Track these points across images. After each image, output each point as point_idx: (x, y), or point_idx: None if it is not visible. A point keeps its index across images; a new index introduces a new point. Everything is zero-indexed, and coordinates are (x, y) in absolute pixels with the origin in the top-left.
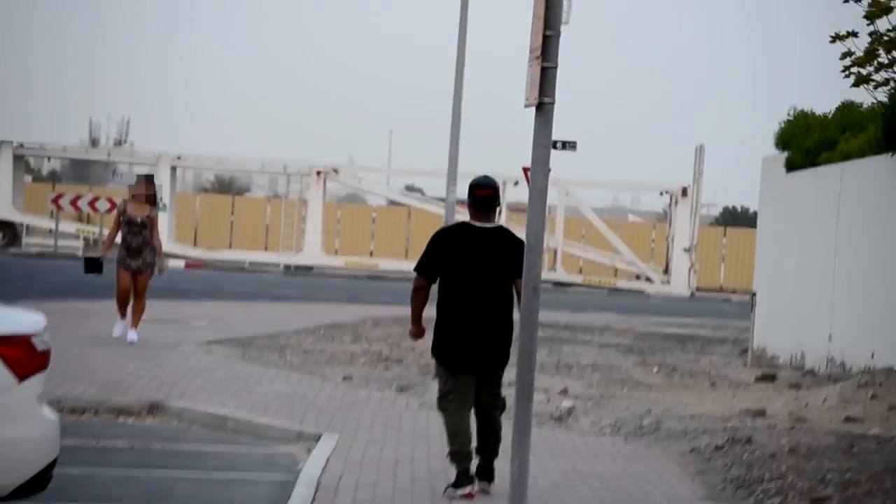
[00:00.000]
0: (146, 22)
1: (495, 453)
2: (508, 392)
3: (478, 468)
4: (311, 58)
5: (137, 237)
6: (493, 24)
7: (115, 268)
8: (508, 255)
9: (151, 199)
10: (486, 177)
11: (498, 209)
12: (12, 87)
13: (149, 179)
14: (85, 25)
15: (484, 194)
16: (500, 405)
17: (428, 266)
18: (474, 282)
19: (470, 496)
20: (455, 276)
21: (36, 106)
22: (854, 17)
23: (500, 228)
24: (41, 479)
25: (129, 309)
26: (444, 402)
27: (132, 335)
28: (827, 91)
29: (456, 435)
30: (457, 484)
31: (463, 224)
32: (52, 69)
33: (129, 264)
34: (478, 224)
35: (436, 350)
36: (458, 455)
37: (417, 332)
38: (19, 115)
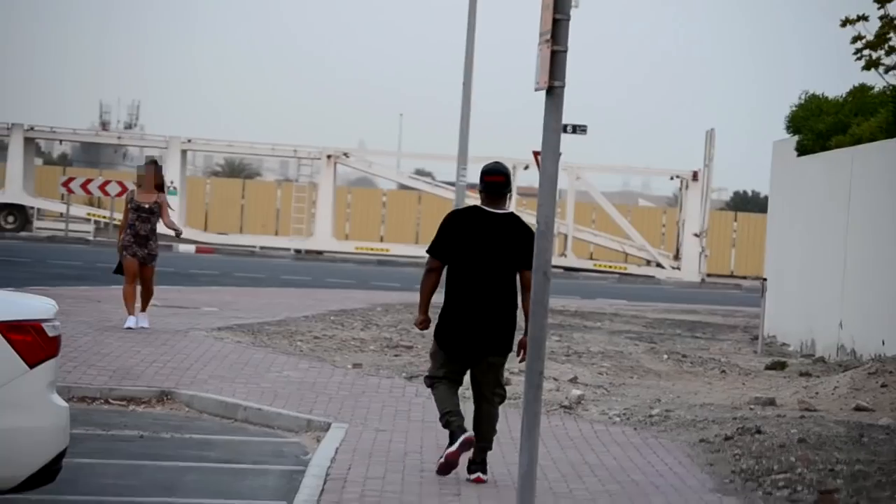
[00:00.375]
0: (157, 6)
1: (489, 445)
2: (518, 379)
3: (470, 460)
4: (321, 42)
5: (146, 224)
6: (504, 7)
7: (120, 257)
8: (517, 242)
9: (159, 185)
10: (497, 163)
11: (509, 195)
12: (23, 71)
13: (155, 164)
14: (96, 9)
15: (495, 180)
16: (500, 394)
17: (440, 248)
18: (482, 266)
19: (469, 442)
20: (464, 259)
21: (47, 89)
22: (864, 1)
23: (511, 215)
24: (50, 471)
25: (137, 300)
26: (432, 381)
27: (144, 322)
28: (838, 75)
29: (444, 402)
30: (451, 441)
31: (475, 208)
32: (62, 53)
33: (136, 252)
34: (489, 209)
35: (438, 333)
36: (450, 415)
37: (422, 322)
38: (30, 98)
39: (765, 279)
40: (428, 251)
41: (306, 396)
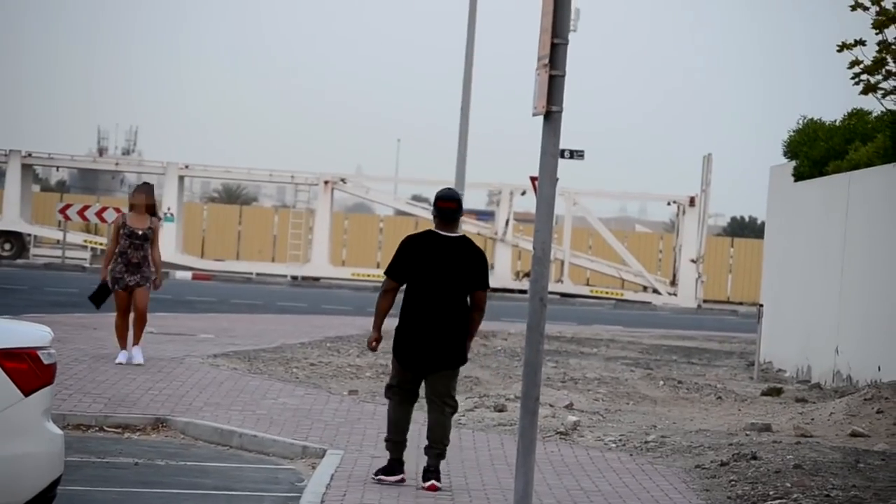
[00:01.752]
0: (155, 33)
1: (442, 455)
2: (514, 405)
3: (425, 468)
4: (319, 68)
5: (139, 251)
6: (502, 33)
7: (102, 282)
8: (469, 264)
9: (152, 209)
10: (449, 189)
11: (460, 219)
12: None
13: (148, 188)
14: (94, 36)
15: (448, 206)
16: (451, 405)
17: (397, 269)
18: (434, 286)
19: (402, 481)
20: (419, 279)
21: (44, 116)
22: (862, 26)
23: (463, 238)
24: (45, 498)
25: (130, 333)
26: (389, 393)
27: (138, 356)
28: (835, 100)
29: (394, 424)
30: (388, 471)
31: (429, 232)
32: (60, 79)
33: (128, 282)
34: (442, 233)
35: (395, 346)
36: (393, 443)
37: (375, 340)
38: (28, 124)
39: (761, 305)
40: (385, 273)
41: (302, 423)
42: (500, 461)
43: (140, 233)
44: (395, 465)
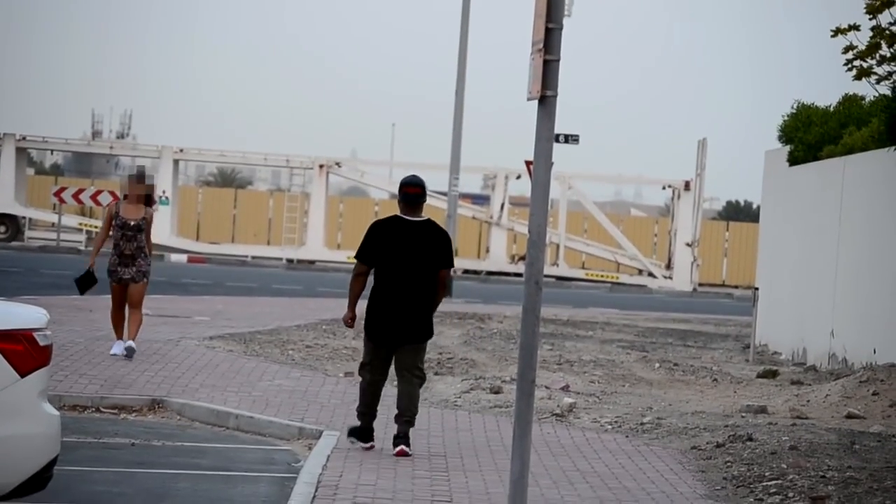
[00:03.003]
0: (149, 15)
1: (411, 423)
2: (510, 387)
3: (395, 434)
4: (313, 52)
5: (131, 242)
6: (496, 17)
7: (89, 269)
8: (434, 245)
9: (147, 199)
10: (414, 176)
11: (423, 204)
12: (15, 80)
13: (142, 176)
14: (88, 18)
15: (412, 192)
16: (419, 376)
17: (366, 254)
18: (401, 267)
19: (371, 448)
20: (386, 262)
21: (39, 99)
22: (856, 11)
23: (428, 221)
24: (41, 478)
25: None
26: (362, 371)
27: (131, 345)
28: (830, 84)
29: (364, 395)
30: (362, 437)
31: (395, 217)
32: (55, 62)
33: (122, 275)
34: (407, 217)
35: (366, 324)
36: (363, 414)
37: (350, 318)
38: (22, 107)
39: (757, 288)
40: (356, 257)
41: (298, 405)
42: (497, 443)
43: (132, 223)
44: (364, 434)
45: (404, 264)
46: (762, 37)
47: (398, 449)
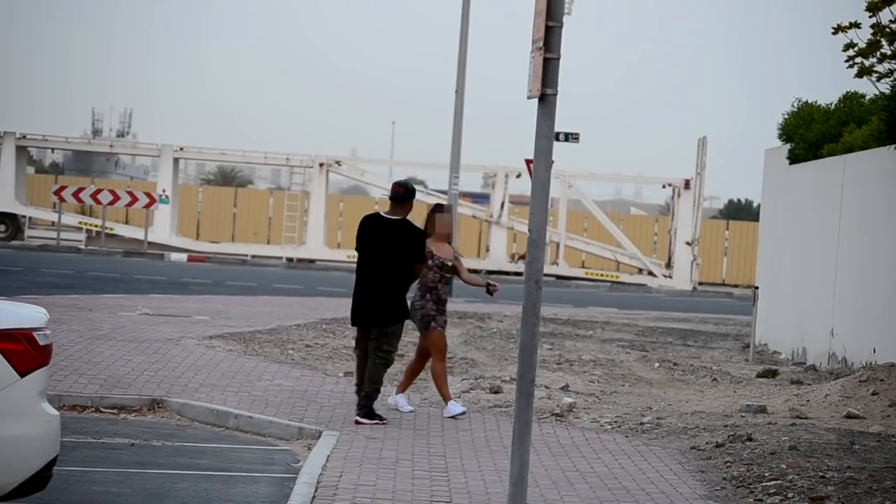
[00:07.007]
0: (150, 14)
1: (369, 395)
2: (509, 387)
3: (357, 404)
4: (314, 51)
5: (447, 286)
6: (497, 15)
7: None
8: (406, 241)
9: (448, 236)
10: (404, 180)
11: (408, 203)
12: (16, 78)
13: (445, 210)
14: (88, 17)
15: (396, 190)
16: (382, 357)
17: (356, 244)
18: (375, 259)
19: (385, 422)
20: (364, 253)
21: (39, 97)
22: (856, 8)
23: (404, 220)
24: (41, 478)
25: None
26: (354, 350)
27: (403, 404)
28: (830, 82)
29: (358, 373)
30: (369, 416)
31: (376, 214)
32: (55, 60)
33: (439, 322)
34: (386, 216)
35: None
36: (357, 386)
37: None
38: (22, 106)
39: (757, 287)
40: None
41: (297, 404)
42: (496, 442)
43: (450, 264)
44: (371, 413)
45: (376, 257)
46: (763, 35)
47: (354, 419)
